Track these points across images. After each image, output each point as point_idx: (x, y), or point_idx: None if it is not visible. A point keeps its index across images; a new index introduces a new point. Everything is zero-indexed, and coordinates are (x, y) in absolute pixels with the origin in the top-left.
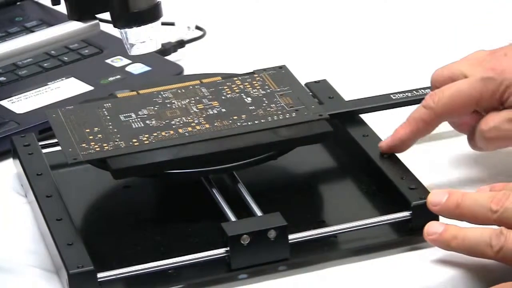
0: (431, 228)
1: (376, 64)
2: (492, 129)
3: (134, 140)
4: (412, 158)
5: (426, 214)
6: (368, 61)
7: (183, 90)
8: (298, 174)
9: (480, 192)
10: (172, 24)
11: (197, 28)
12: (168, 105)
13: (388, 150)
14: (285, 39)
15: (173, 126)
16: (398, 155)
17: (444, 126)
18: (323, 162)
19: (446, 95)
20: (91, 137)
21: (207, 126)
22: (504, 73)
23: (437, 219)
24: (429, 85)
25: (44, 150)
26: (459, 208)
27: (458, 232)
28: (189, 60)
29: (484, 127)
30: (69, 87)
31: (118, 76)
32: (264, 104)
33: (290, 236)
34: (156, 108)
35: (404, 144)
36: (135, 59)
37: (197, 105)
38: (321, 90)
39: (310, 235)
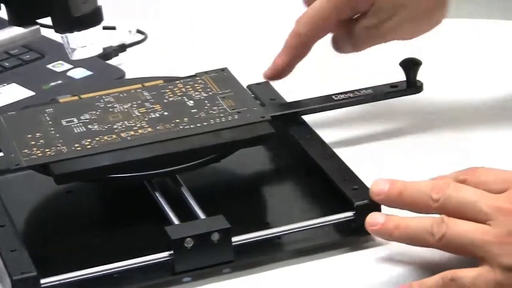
0: (373, 219)
1: (318, 65)
2: (378, 24)
3: (77, 145)
4: (357, 159)
5: (368, 214)
6: (310, 62)
7: (125, 94)
8: (241, 176)
9: (422, 181)
10: (113, 28)
11: (138, 31)
12: (110, 109)
13: (272, 78)
14: (226, 42)
15: (116, 130)
16: (343, 156)
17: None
18: (266, 164)
19: (305, 15)
20: (33, 142)
21: (150, 129)
22: None
23: None
24: (370, 85)
25: None
26: (401, 197)
27: (400, 222)
28: (130, 64)
29: (368, 24)
30: (10, 93)
31: (60, 81)
32: (206, 107)
33: (234, 239)
34: (98, 113)
35: (284, 70)
36: (77, 63)
37: (139, 109)
38: (263, 92)
39: (254, 237)
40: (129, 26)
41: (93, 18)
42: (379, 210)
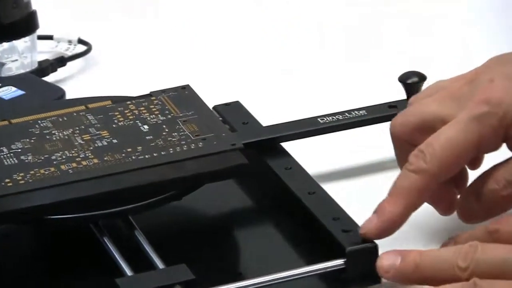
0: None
1: (300, 81)
2: (506, 184)
3: (7, 180)
4: (348, 195)
5: (363, 261)
6: (289, 79)
7: (65, 118)
8: (208, 216)
9: (442, 249)
10: (50, 37)
11: (81, 42)
12: (48, 137)
13: (376, 236)
14: (188, 55)
15: (54, 162)
16: (330, 192)
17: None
18: (237, 201)
19: (437, 148)
20: None
21: (96, 161)
22: (502, 103)
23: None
24: (363, 105)
25: None
26: (418, 270)
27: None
28: (71, 81)
29: (496, 185)
30: None
31: None
32: (164, 133)
33: None
34: (32, 141)
35: (395, 224)
36: (6, 81)
37: (83, 136)
38: (234, 114)
39: None
40: (70, 35)
41: (26, 25)
42: (375, 256)
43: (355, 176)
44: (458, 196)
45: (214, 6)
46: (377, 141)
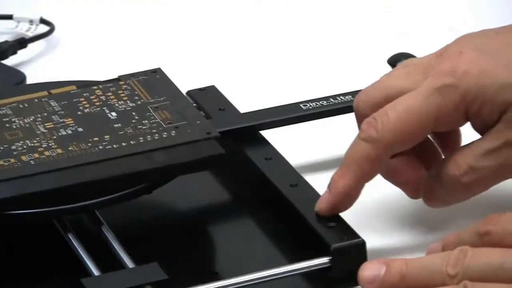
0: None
1: (279, 65)
2: (468, 170)
3: None
4: None
5: (350, 259)
6: (269, 61)
7: (26, 105)
8: (181, 211)
9: (428, 256)
10: (9, 17)
11: (43, 22)
12: (7, 125)
13: (331, 211)
14: (159, 36)
15: (14, 153)
16: (314, 183)
17: None
18: (213, 195)
19: (392, 117)
20: None
21: (59, 151)
22: (467, 76)
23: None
24: (350, 90)
25: None
26: (405, 281)
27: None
28: (33, 65)
29: (456, 170)
30: None
31: None
32: (133, 121)
33: None
34: None
35: (349, 198)
36: None
37: (45, 124)
38: (209, 99)
39: None
40: (31, 14)
41: None
42: (363, 254)
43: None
44: None
45: None
46: None
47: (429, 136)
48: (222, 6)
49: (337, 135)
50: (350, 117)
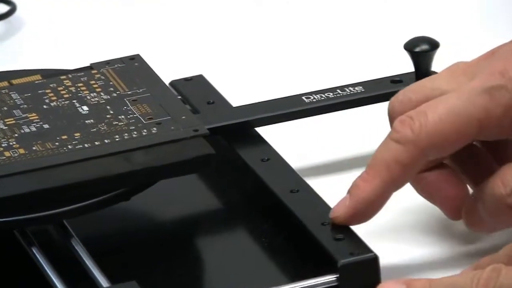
0: None
1: (278, 52)
2: None
3: None
4: (341, 193)
5: (361, 277)
6: (266, 46)
7: None
8: (164, 221)
9: (456, 275)
10: None
11: (2, 0)
12: None
13: (349, 220)
14: (138, 16)
15: None
16: (318, 188)
17: None
18: (201, 202)
19: (431, 117)
20: None
21: (22, 151)
22: None
23: (379, 281)
24: (360, 80)
25: None
26: None
27: None
28: None
29: (502, 189)
30: None
31: None
32: (108, 116)
33: None
34: None
35: (372, 207)
36: None
37: (5, 120)
38: (196, 91)
39: None
40: None
41: None
42: (376, 271)
43: (349, 170)
44: None
45: None
46: (377, 125)
47: (479, 146)
48: None
49: (346, 133)
50: (360, 111)
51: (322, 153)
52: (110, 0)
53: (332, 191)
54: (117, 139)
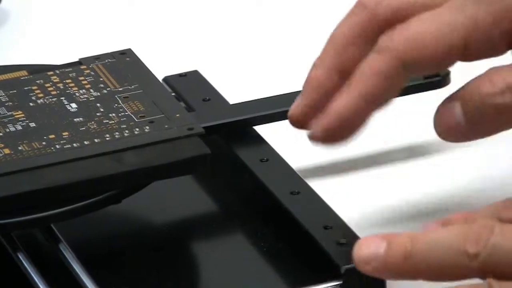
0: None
1: (277, 46)
2: (505, 89)
3: None
4: (344, 196)
5: (364, 283)
6: (265, 40)
7: None
8: (157, 225)
9: (442, 230)
10: None
11: None
12: None
13: (324, 138)
14: (130, 9)
15: None
16: (320, 190)
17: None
18: (196, 205)
19: (413, 25)
20: None
21: (7, 151)
22: None
23: (384, 286)
24: None
25: None
26: (410, 260)
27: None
28: None
29: (490, 88)
30: None
31: None
32: (98, 114)
33: None
34: None
35: (351, 124)
36: None
37: None
38: (191, 87)
39: None
40: None
41: None
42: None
43: (352, 170)
44: None
45: None
46: (381, 123)
47: None
48: None
49: None
50: None
51: (323, 153)
52: None
53: (334, 192)
54: (107, 139)
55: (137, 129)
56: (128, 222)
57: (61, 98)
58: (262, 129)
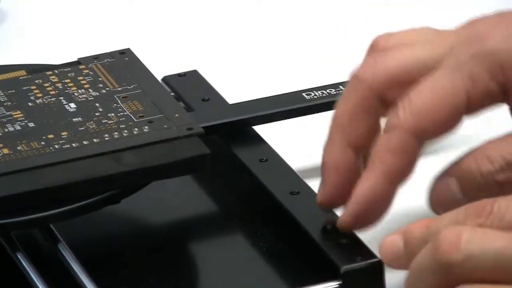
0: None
1: (277, 45)
2: (504, 166)
3: None
4: None
5: (364, 284)
6: (264, 40)
7: None
8: (156, 226)
9: (450, 212)
10: None
11: None
12: None
13: (355, 224)
14: (129, 9)
15: None
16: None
17: None
18: (196, 205)
19: (414, 98)
20: None
21: (6, 151)
22: (504, 49)
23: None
24: None
25: None
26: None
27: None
28: None
29: (490, 166)
30: None
31: None
32: (97, 114)
33: None
34: None
35: (377, 202)
36: None
37: None
38: (190, 87)
39: None
40: None
41: None
42: (380, 277)
43: None
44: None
45: None
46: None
47: None
48: None
49: None
50: None
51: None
52: None
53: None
54: (106, 139)
55: (136, 129)
56: (128, 222)
57: (60, 98)
58: (261, 129)
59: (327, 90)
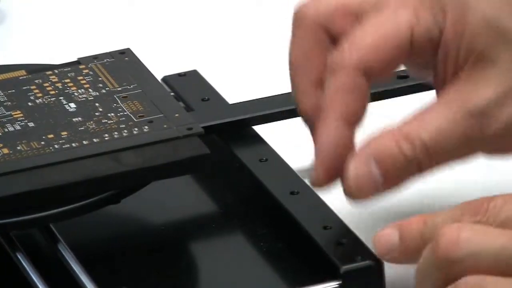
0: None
1: (277, 45)
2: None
3: None
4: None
5: (364, 284)
6: (263, 40)
7: None
8: (156, 226)
9: (446, 211)
10: None
11: None
12: None
13: (326, 178)
14: (129, 9)
15: None
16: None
17: None
18: (195, 205)
19: (358, 35)
20: None
21: (5, 151)
22: None
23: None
24: None
25: None
26: (428, 241)
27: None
28: None
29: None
30: None
31: None
32: (97, 113)
33: None
34: None
35: (339, 148)
36: None
37: None
38: (190, 87)
39: None
40: None
41: None
42: (380, 277)
43: None
44: None
45: None
46: (381, 123)
47: None
48: None
49: None
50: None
51: None
52: None
53: (334, 192)
54: (106, 138)
55: (136, 129)
56: (127, 222)
57: (60, 97)
58: (261, 129)
59: None
